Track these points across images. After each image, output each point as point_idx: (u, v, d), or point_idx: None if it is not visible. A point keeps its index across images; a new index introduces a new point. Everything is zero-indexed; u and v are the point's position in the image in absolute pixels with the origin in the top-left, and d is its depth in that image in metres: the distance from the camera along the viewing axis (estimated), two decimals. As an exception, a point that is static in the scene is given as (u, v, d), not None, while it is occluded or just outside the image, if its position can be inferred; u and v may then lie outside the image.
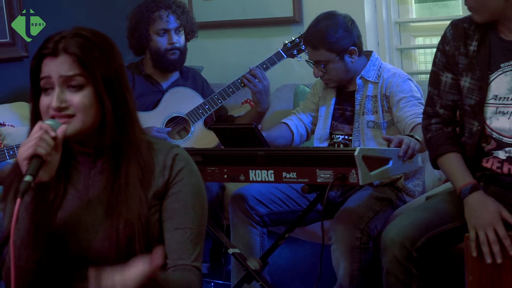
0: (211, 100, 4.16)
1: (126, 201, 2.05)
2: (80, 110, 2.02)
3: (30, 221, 1.98)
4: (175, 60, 4.25)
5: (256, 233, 3.67)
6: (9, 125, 4.38)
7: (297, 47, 4.12)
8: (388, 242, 2.86)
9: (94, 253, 2.06)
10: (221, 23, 5.11)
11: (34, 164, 1.92)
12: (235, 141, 3.40)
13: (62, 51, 2.02)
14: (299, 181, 3.13)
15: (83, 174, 2.12)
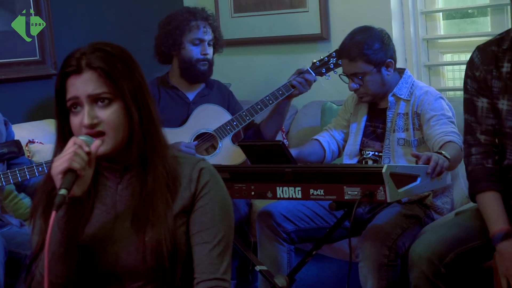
0: (239, 117, 4.16)
1: (153, 209, 2.05)
2: (111, 126, 2.04)
3: (62, 235, 1.99)
4: (204, 71, 4.28)
5: (283, 250, 3.66)
6: (38, 142, 4.42)
7: (326, 65, 4.11)
8: (416, 257, 2.85)
9: (122, 266, 2.07)
10: (249, 40, 5.12)
11: (68, 178, 1.94)
12: (263, 157, 3.40)
13: (86, 67, 2.03)
14: (326, 198, 3.12)
15: (110, 189, 2.13)
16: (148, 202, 2.06)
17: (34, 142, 4.40)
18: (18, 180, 3.71)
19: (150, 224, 2.05)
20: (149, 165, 2.08)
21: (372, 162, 3.70)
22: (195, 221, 2.10)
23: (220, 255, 2.09)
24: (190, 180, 2.11)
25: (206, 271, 2.07)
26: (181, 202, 2.10)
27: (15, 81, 4.66)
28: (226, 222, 2.12)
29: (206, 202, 2.10)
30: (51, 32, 4.77)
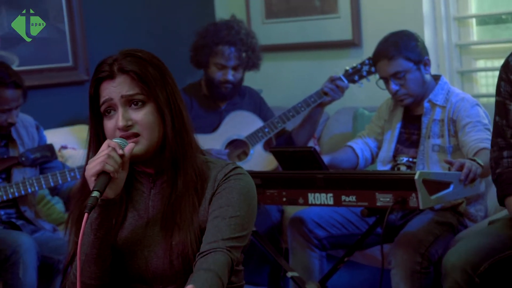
0: (271, 124, 4.16)
1: (180, 211, 2.05)
2: (145, 127, 2.05)
3: (94, 237, 2.01)
4: (227, 93, 4.27)
5: (315, 257, 3.66)
6: (71, 148, 4.44)
7: (359, 72, 4.09)
8: (449, 267, 2.82)
9: (152, 271, 2.08)
10: (280, 46, 5.12)
11: (101, 180, 1.95)
12: (294, 164, 3.40)
13: (118, 72, 2.05)
14: (358, 204, 3.11)
15: (143, 194, 2.14)
16: (176, 205, 2.06)
17: (66, 148, 4.43)
18: (50, 185, 3.74)
19: (177, 227, 2.05)
20: (180, 169, 2.09)
21: (406, 168, 3.68)
22: (211, 208, 2.06)
23: (229, 227, 2.01)
24: (215, 180, 2.11)
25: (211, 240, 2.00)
26: (206, 203, 2.10)
27: (48, 87, 4.69)
28: (243, 206, 2.05)
29: (223, 188, 2.08)
30: (83, 39, 4.80)
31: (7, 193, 3.66)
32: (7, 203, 3.75)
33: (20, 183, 3.68)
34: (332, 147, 4.47)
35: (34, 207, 3.88)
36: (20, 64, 4.49)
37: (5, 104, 3.63)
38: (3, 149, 3.81)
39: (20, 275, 3.41)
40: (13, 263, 3.42)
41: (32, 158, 3.77)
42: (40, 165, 3.85)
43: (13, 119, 3.68)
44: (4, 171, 3.76)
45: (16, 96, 3.66)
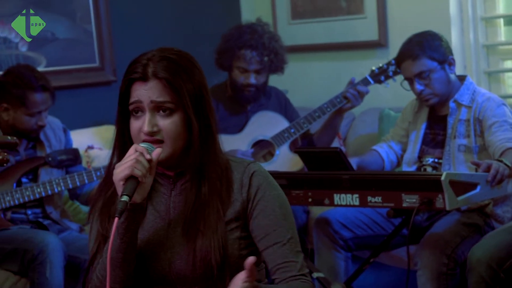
0: (297, 124, 4.15)
1: (204, 218, 2.06)
2: (170, 136, 2.05)
3: (121, 241, 2.01)
4: (250, 96, 4.26)
5: (341, 258, 3.65)
6: (97, 148, 4.47)
7: (385, 73, 4.07)
8: (474, 262, 2.81)
9: (174, 272, 2.08)
10: (306, 46, 5.11)
11: (130, 185, 1.96)
12: (320, 164, 3.39)
13: (152, 76, 2.04)
14: (384, 205, 3.10)
15: (164, 195, 2.14)
16: (200, 213, 2.06)
17: (93, 148, 4.46)
18: (76, 184, 3.76)
19: (200, 234, 2.05)
20: (204, 176, 2.09)
21: (432, 169, 3.66)
22: (259, 226, 2.09)
23: (293, 252, 2.08)
24: (241, 185, 2.11)
25: (283, 271, 2.06)
26: (233, 209, 2.10)
27: (75, 88, 4.72)
28: (289, 219, 2.11)
29: (264, 205, 2.10)
30: (110, 39, 4.83)
31: (34, 192, 3.68)
32: (34, 203, 3.78)
33: (47, 183, 3.70)
34: (358, 147, 4.46)
35: (60, 208, 3.91)
36: (47, 65, 4.52)
37: (35, 107, 3.66)
38: (30, 150, 3.83)
39: (47, 274, 3.43)
40: (40, 263, 3.44)
41: (58, 160, 3.80)
42: (65, 167, 3.87)
43: (42, 121, 3.70)
44: (32, 172, 3.79)
45: (44, 99, 3.68)
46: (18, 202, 3.68)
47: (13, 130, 3.70)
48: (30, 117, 3.67)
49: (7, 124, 3.70)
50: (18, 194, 3.67)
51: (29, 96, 3.64)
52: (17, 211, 3.76)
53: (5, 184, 3.69)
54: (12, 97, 3.65)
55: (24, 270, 3.51)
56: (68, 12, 4.69)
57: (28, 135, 3.74)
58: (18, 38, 4.49)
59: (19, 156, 3.77)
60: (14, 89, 3.64)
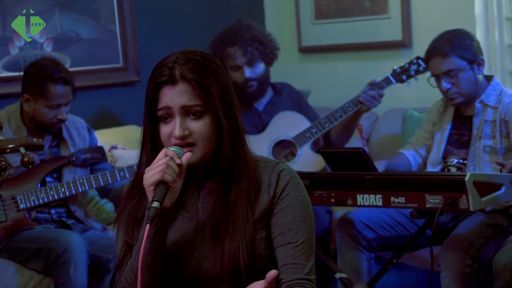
0: (319, 124, 4.15)
1: (233, 221, 2.06)
2: (202, 138, 2.04)
3: (150, 245, 2.01)
4: (253, 91, 4.24)
5: (364, 258, 3.64)
6: (121, 148, 4.48)
7: (407, 72, 4.06)
8: (500, 267, 2.80)
9: (203, 273, 2.08)
10: (330, 46, 5.11)
11: (160, 190, 1.95)
12: (343, 164, 3.39)
13: (180, 79, 2.03)
14: (407, 206, 3.09)
15: (193, 196, 2.14)
16: (229, 215, 2.06)
17: (116, 148, 4.47)
18: (100, 184, 3.77)
19: (228, 236, 2.05)
20: (234, 178, 2.09)
21: (456, 169, 3.65)
22: (277, 223, 2.09)
23: (304, 255, 2.07)
24: (269, 184, 2.11)
25: (291, 271, 2.06)
26: (260, 208, 2.10)
27: (99, 88, 4.74)
28: (308, 223, 2.10)
29: (287, 204, 2.10)
30: (134, 40, 4.85)
31: (58, 192, 3.70)
32: (58, 202, 3.80)
33: (71, 183, 3.72)
34: (381, 148, 4.44)
35: (84, 207, 3.93)
36: (71, 65, 4.55)
37: (54, 99, 3.67)
38: (54, 149, 3.85)
39: (71, 273, 3.45)
40: (64, 262, 3.46)
41: (82, 159, 3.81)
42: (90, 166, 3.89)
43: (62, 115, 3.71)
44: (56, 171, 3.81)
45: (65, 92, 3.70)
46: (42, 202, 3.70)
47: (34, 123, 3.72)
48: (50, 110, 3.69)
49: (28, 116, 3.73)
50: (43, 194, 3.69)
51: (49, 87, 3.66)
52: (41, 211, 3.78)
53: (29, 183, 3.71)
54: (33, 88, 3.68)
55: (48, 269, 3.53)
56: (92, 12, 4.71)
57: (48, 129, 3.75)
58: (43, 39, 4.52)
59: (44, 155, 3.79)
60: (36, 80, 3.67)
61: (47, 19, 4.53)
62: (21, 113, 3.76)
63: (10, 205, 3.67)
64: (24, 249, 3.59)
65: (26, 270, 3.59)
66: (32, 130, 3.74)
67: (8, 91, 4.35)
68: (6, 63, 4.42)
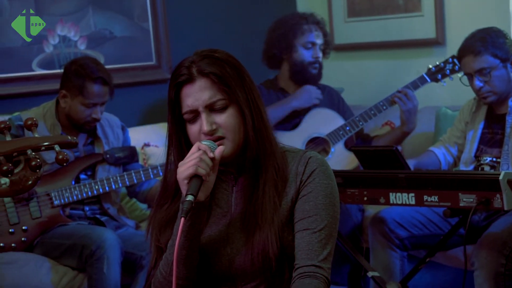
0: (352, 122, 4.14)
1: (261, 211, 2.06)
2: (229, 129, 2.06)
3: (185, 239, 2.02)
4: (315, 74, 4.29)
5: (396, 257, 3.63)
6: (154, 145, 4.50)
7: (442, 71, 4.04)
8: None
9: (234, 268, 2.09)
10: (362, 44, 5.09)
11: (194, 184, 1.96)
12: (376, 163, 3.38)
13: (198, 75, 2.05)
14: (440, 204, 3.08)
15: (226, 192, 2.15)
16: (258, 206, 2.07)
17: (149, 145, 4.49)
18: (133, 182, 3.79)
19: (258, 227, 2.06)
20: (261, 169, 2.10)
21: (490, 168, 3.62)
22: (298, 209, 2.09)
23: (321, 242, 2.05)
24: (296, 173, 2.11)
25: (305, 257, 2.05)
26: (288, 198, 2.10)
27: (132, 86, 4.77)
28: (329, 211, 2.08)
29: (309, 190, 2.09)
30: (167, 38, 4.87)
31: (92, 189, 3.73)
32: (91, 199, 3.83)
33: (105, 180, 3.75)
34: (414, 146, 4.42)
35: (117, 204, 3.95)
36: (105, 63, 4.56)
37: (91, 98, 3.70)
38: (89, 147, 3.88)
39: (104, 270, 3.47)
40: (97, 258, 3.49)
41: (116, 157, 3.84)
42: (122, 165, 3.91)
43: (97, 115, 3.74)
44: (90, 168, 3.83)
45: (102, 92, 3.72)
46: (76, 198, 3.73)
47: (68, 120, 3.75)
48: (85, 108, 3.71)
49: (63, 112, 3.76)
50: (77, 191, 3.72)
51: (87, 86, 3.69)
52: (75, 207, 3.81)
53: (64, 180, 3.74)
54: (71, 85, 3.71)
55: (82, 265, 3.56)
56: (125, 10, 4.74)
57: (82, 127, 3.78)
58: (77, 37, 4.56)
59: (78, 152, 3.82)
60: (75, 77, 3.70)
61: (81, 18, 4.57)
62: (56, 110, 3.79)
63: (45, 201, 3.70)
64: (58, 245, 3.62)
65: (60, 266, 3.62)
66: (66, 127, 3.77)
67: (43, 88, 4.39)
68: (40, 61, 4.46)
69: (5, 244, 3.63)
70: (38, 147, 1.91)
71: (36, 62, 4.45)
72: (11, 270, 3.53)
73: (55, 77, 4.03)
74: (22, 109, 4.03)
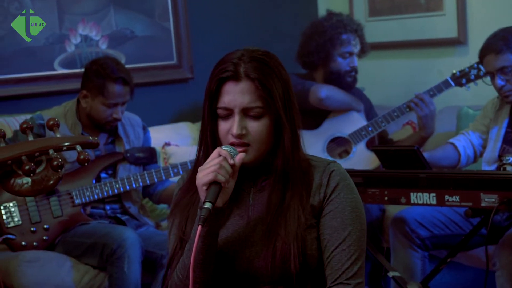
0: (375, 123, 4.13)
1: (285, 223, 2.05)
2: (257, 138, 2.05)
3: (202, 244, 2.01)
4: (350, 82, 4.27)
5: (417, 257, 3.61)
6: (174, 145, 4.51)
7: (466, 76, 4.01)
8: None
9: (254, 270, 2.08)
10: (383, 44, 5.08)
11: (213, 190, 1.95)
12: (397, 163, 3.37)
13: (244, 76, 2.03)
14: (462, 204, 3.06)
15: (244, 193, 2.15)
16: (282, 218, 2.06)
17: (170, 145, 4.50)
18: (154, 180, 3.80)
19: (280, 239, 2.05)
20: (289, 181, 2.08)
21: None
22: (325, 225, 2.08)
23: (351, 259, 2.06)
24: (320, 184, 2.10)
25: (337, 275, 2.05)
26: (312, 209, 2.10)
27: (153, 85, 4.78)
28: (357, 224, 2.08)
29: (335, 206, 2.09)
30: (188, 37, 4.87)
31: (113, 188, 3.74)
32: (112, 198, 3.84)
33: (125, 179, 3.76)
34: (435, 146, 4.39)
35: (138, 203, 3.96)
36: (126, 62, 4.59)
37: (112, 98, 3.71)
38: (110, 146, 3.89)
39: (125, 269, 3.48)
40: (118, 257, 3.50)
41: (136, 156, 3.85)
42: (142, 165, 3.92)
43: (118, 114, 3.75)
44: (111, 167, 3.85)
45: (122, 92, 3.73)
46: (97, 197, 3.74)
47: (89, 120, 3.77)
48: (106, 108, 3.73)
49: (84, 112, 3.78)
50: (98, 189, 3.73)
51: (108, 86, 3.70)
52: (96, 206, 3.82)
53: (85, 179, 3.75)
54: (92, 85, 3.72)
55: (103, 264, 3.57)
56: (146, 10, 4.75)
57: (103, 127, 3.79)
58: (98, 36, 4.58)
59: (99, 151, 3.83)
60: (96, 77, 3.71)
61: (102, 17, 4.59)
62: (77, 110, 3.80)
63: (66, 200, 3.72)
64: (79, 244, 3.64)
65: (81, 264, 3.64)
66: (87, 127, 3.78)
67: (64, 87, 4.41)
68: (62, 60, 4.48)
69: (27, 243, 3.65)
70: (60, 147, 1.92)
71: (58, 61, 4.47)
72: (33, 269, 3.55)
73: (77, 76, 4.04)
74: (43, 108, 4.05)
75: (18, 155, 1.89)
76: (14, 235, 3.63)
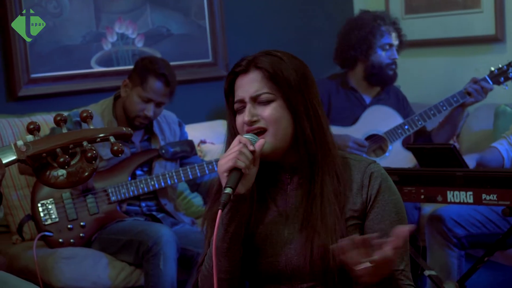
0: (411, 121, 4.10)
1: (321, 212, 2.05)
2: (271, 122, 2.06)
3: (225, 232, 2.03)
4: (392, 75, 4.24)
5: (454, 256, 3.59)
6: (210, 143, 4.52)
7: (505, 74, 3.97)
8: None
9: (290, 267, 2.08)
10: (420, 41, 5.04)
11: (233, 176, 1.97)
12: (433, 161, 3.35)
13: (252, 67, 2.08)
14: (499, 203, 3.04)
15: (281, 190, 2.15)
16: (316, 212, 2.06)
17: (205, 142, 4.51)
18: (189, 177, 3.81)
19: (317, 234, 2.05)
20: (317, 170, 2.09)
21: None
22: (373, 229, 2.08)
23: (400, 259, 2.08)
24: (361, 186, 2.10)
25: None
26: (353, 209, 2.09)
27: (188, 83, 4.79)
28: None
29: (382, 209, 2.09)
30: (223, 35, 4.88)
31: (148, 185, 3.76)
32: (148, 195, 3.86)
33: (160, 176, 3.77)
34: (472, 144, 4.37)
35: (174, 201, 3.97)
36: (162, 60, 4.61)
37: (147, 92, 3.73)
38: (145, 143, 3.91)
39: (160, 266, 3.50)
40: (154, 255, 3.51)
41: (172, 152, 3.86)
42: (180, 160, 3.93)
43: (149, 112, 3.75)
44: (146, 164, 3.86)
45: (161, 90, 3.74)
46: (132, 194, 3.76)
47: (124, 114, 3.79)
48: (140, 101, 3.74)
49: (121, 100, 3.80)
50: (133, 187, 3.75)
51: (149, 79, 3.72)
52: (132, 203, 3.84)
53: (120, 176, 3.78)
54: (135, 75, 3.77)
55: (138, 261, 3.59)
56: (182, 8, 4.77)
57: (132, 121, 3.79)
58: (135, 34, 4.60)
59: (135, 148, 3.85)
60: (141, 69, 3.76)
61: (138, 15, 4.61)
62: (114, 107, 3.83)
63: (102, 197, 3.74)
64: (115, 241, 3.66)
65: (117, 261, 3.66)
66: (122, 124, 3.80)
67: (101, 85, 4.43)
68: (99, 59, 4.51)
69: (64, 240, 3.68)
70: (94, 138, 1.94)
71: (94, 59, 4.50)
72: (70, 265, 3.58)
73: (113, 74, 4.07)
74: (80, 106, 4.08)
75: (52, 148, 1.91)
76: (51, 232, 3.66)
